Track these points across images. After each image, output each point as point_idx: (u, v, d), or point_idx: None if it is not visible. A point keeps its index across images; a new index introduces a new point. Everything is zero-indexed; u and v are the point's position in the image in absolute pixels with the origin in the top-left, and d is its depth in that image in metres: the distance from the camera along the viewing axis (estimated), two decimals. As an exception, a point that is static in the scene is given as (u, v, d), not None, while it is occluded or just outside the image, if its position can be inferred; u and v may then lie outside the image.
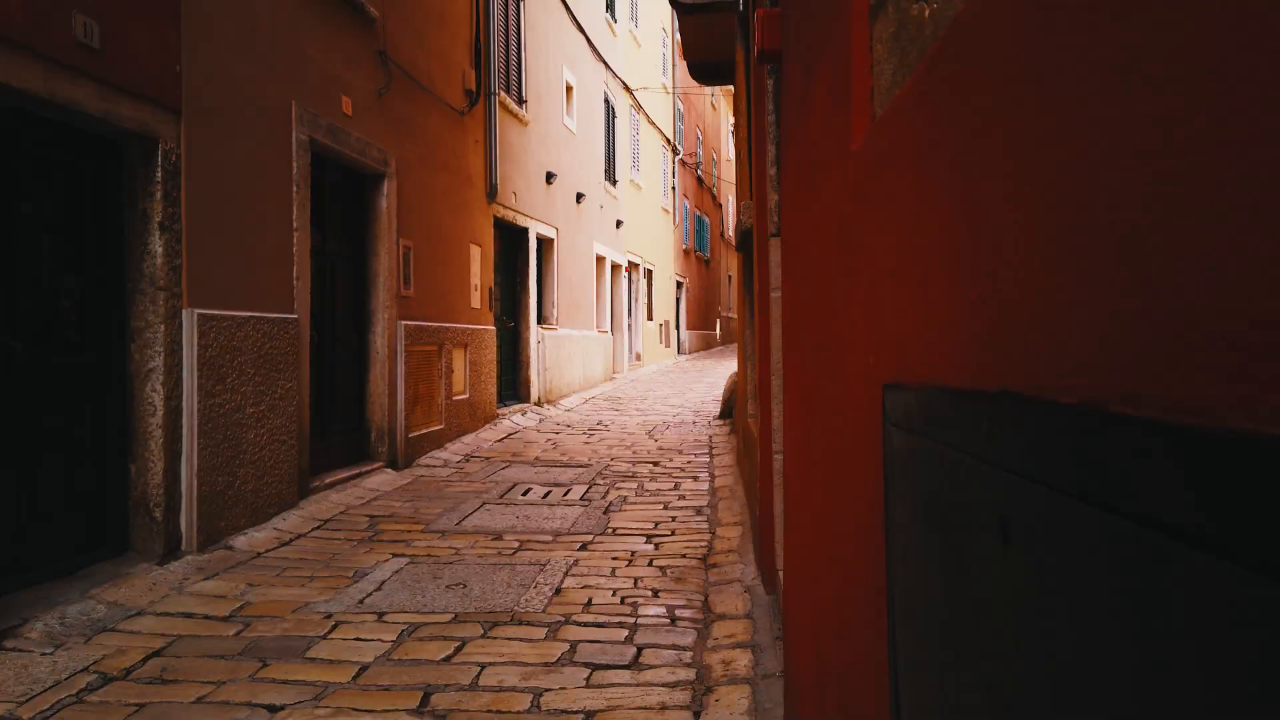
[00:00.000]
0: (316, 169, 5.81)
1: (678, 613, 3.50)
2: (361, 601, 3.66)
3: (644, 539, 4.71)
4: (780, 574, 3.41)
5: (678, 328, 23.45)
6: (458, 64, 8.28)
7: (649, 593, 3.76)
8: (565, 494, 5.87)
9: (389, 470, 6.49)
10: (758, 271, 3.81)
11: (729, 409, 9.60)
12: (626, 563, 4.23)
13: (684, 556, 4.33)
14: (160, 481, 4.10)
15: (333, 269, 6.12)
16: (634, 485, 6.17)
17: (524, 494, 5.88)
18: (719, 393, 13.10)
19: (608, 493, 5.91)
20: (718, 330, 29.74)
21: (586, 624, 3.37)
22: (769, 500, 3.63)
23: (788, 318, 2.63)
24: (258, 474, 4.78)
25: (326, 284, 6.03)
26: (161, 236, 4.10)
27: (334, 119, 5.77)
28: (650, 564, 4.20)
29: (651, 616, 3.45)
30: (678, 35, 22.64)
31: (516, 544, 4.62)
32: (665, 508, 5.47)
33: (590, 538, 4.73)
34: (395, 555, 4.39)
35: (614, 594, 3.74)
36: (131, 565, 3.99)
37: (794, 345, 2.40)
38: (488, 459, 7.38)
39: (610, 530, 4.89)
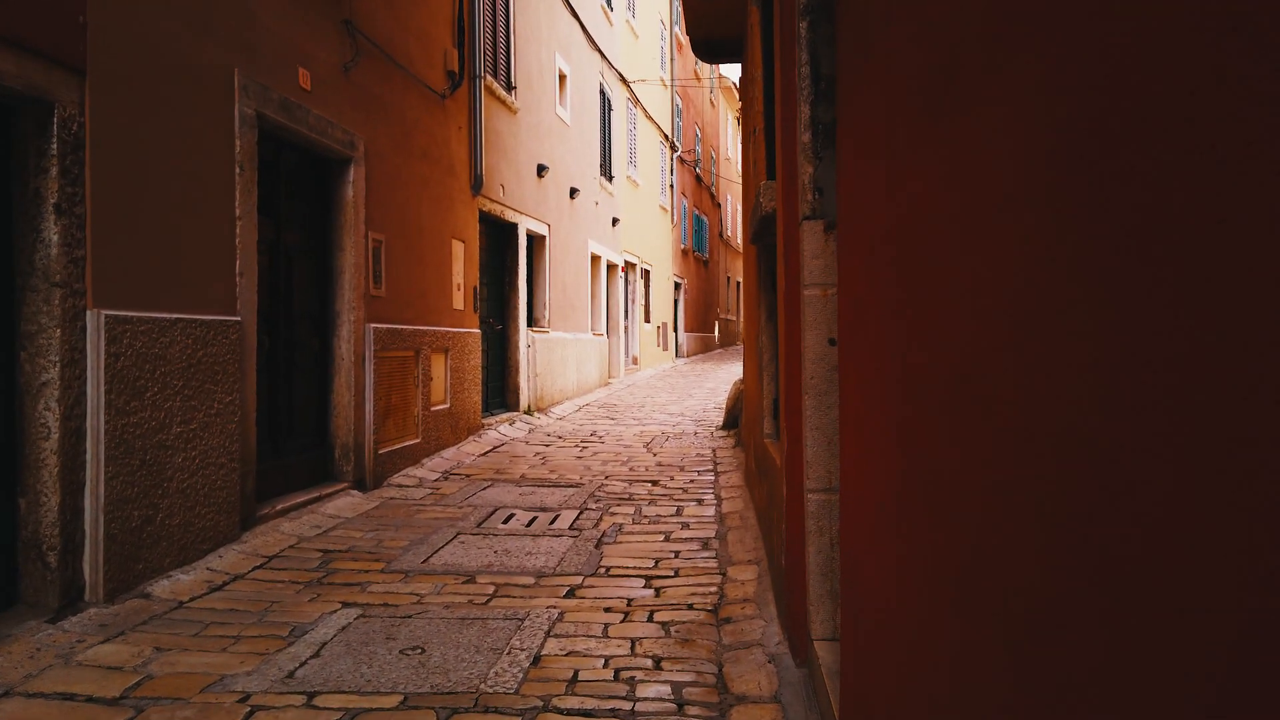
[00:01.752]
0: (268, 150, 5.08)
1: (686, 692, 2.78)
2: (292, 674, 2.93)
3: (642, 582, 3.99)
4: (816, 646, 2.70)
5: (676, 330, 22.74)
6: (438, 42, 7.56)
7: (649, 662, 3.04)
8: (552, 521, 5.15)
9: (355, 492, 5.76)
10: (784, 265, 3.10)
11: (734, 419, 8.89)
12: (622, 616, 3.51)
13: (690, 608, 3.61)
14: (55, 519, 3.37)
15: (289, 265, 5.40)
16: (631, 510, 5.46)
17: (505, 521, 5.16)
18: (721, 399, 12.40)
19: (600, 520, 5.19)
20: (716, 332, 29.04)
21: (570, 711, 2.65)
22: (799, 548, 2.92)
23: (856, 328, 1.91)
24: (187, 505, 4.05)
25: (281, 282, 5.30)
26: (58, 222, 3.37)
27: (289, 93, 5.04)
28: (650, 618, 3.49)
29: (653, 700, 2.73)
30: (676, 28, 21.97)
31: (491, 589, 3.90)
32: (666, 539, 4.76)
33: (579, 580, 4.01)
34: (345, 605, 3.67)
35: (605, 664, 3.02)
36: (17, 623, 3.26)
37: (877, 369, 1.69)
38: (468, 477, 6.65)
39: (603, 569, 4.17)
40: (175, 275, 4.03)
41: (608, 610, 3.59)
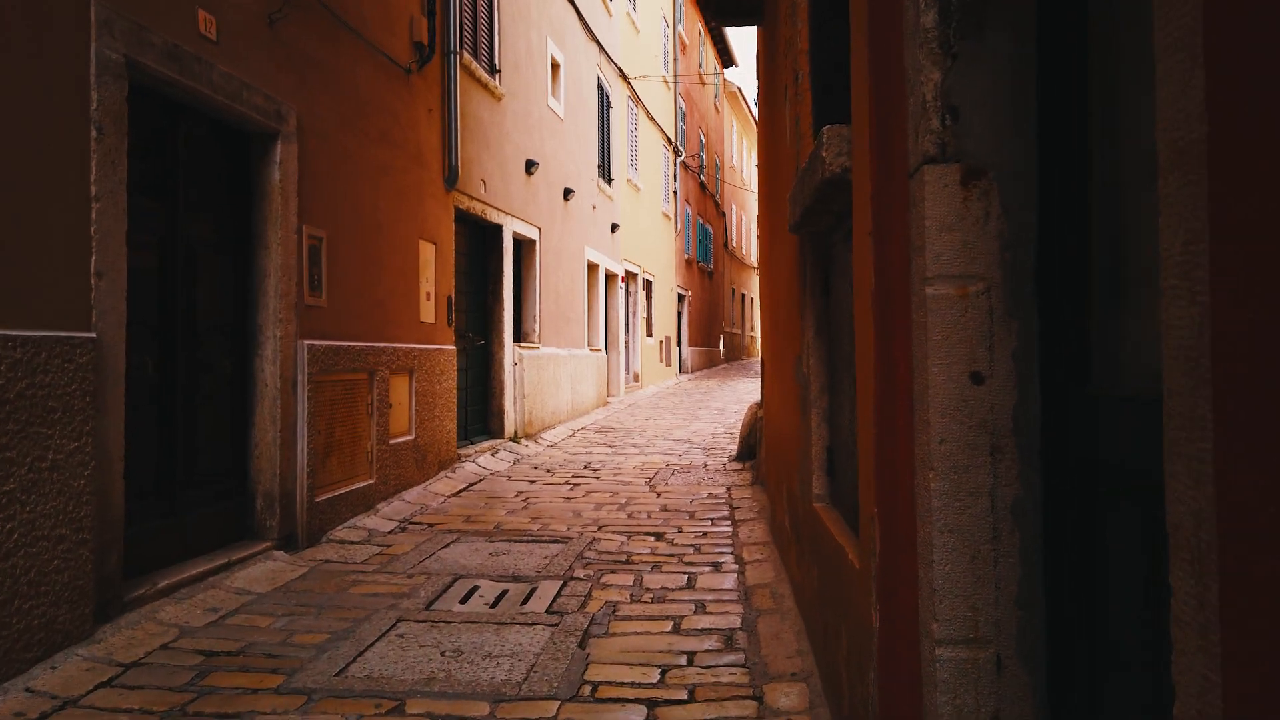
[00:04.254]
0: (154, 113, 3.91)
1: None
2: None
3: (642, 711, 2.78)
4: None
5: (679, 344, 21.55)
6: (402, 6, 6.40)
7: None
8: (526, 599, 3.94)
9: (279, 554, 4.54)
10: (874, 249, 1.91)
11: (750, 449, 7.68)
12: (612, 790, 2.30)
13: (716, 770, 2.39)
14: None
15: (191, 265, 4.21)
16: (629, 579, 4.24)
17: (464, 599, 3.95)
18: (731, 421, 11.20)
19: (589, 596, 3.97)
20: (721, 347, 27.85)
21: None
22: (908, 726, 1.71)
23: None
24: (-5, 600, 2.85)
25: (179, 287, 4.11)
26: None
27: (181, 39, 3.87)
28: (656, 795, 2.27)
29: None
30: (680, 27, 20.85)
31: (426, 725, 2.69)
32: (676, 629, 3.54)
33: (553, 708, 2.80)
34: (201, 761, 2.46)
35: None
36: None
37: None
38: (431, 527, 5.44)
39: (587, 687, 2.96)
40: (-19, 274, 2.85)
41: (591, 775, 2.38)
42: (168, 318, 4.04)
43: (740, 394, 15.78)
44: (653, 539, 5.07)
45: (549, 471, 7.57)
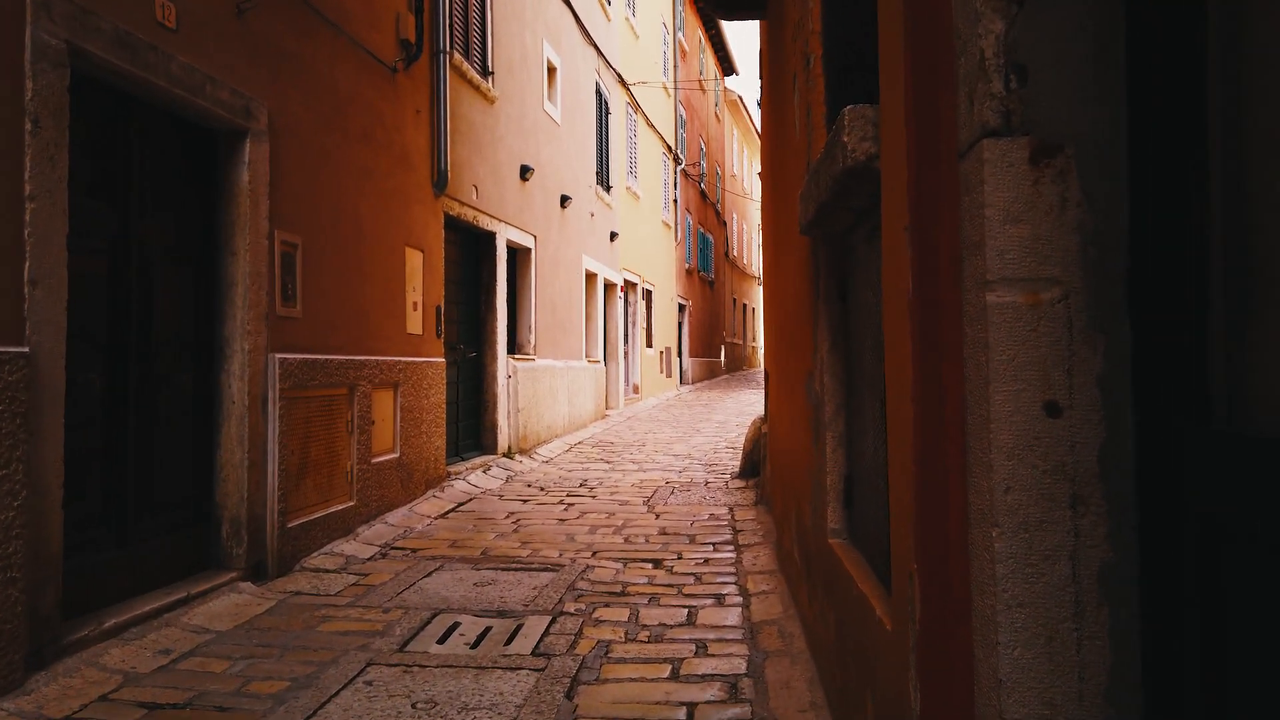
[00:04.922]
0: (105, 107, 3.59)
1: None
2: None
3: (637, 779, 2.43)
4: None
5: (680, 355, 21.21)
6: (387, 2, 6.10)
7: None
8: (511, 637, 3.59)
9: (245, 586, 4.20)
10: (911, 249, 1.57)
11: (753, 466, 7.33)
12: None
13: None
14: None
15: (148, 273, 3.88)
16: (624, 614, 3.90)
17: (443, 638, 3.60)
18: (733, 435, 10.86)
19: (580, 634, 3.63)
20: (723, 357, 27.51)
21: None
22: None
23: None
24: (-101, 652, 2.51)
25: (134, 296, 3.78)
26: None
27: (134, 26, 3.55)
28: None
29: None
30: (680, 34, 20.60)
31: (387, 797, 2.34)
32: (674, 674, 3.19)
33: (534, 776, 2.45)
34: (121, 847, 2.11)
35: None
36: None
37: None
38: (414, 552, 5.10)
39: (574, 749, 2.61)
40: (-113, 281, 2.52)
41: None
42: (120, 330, 3.71)
43: (743, 406, 15.44)
44: (650, 566, 4.72)
45: (543, 490, 7.22)
